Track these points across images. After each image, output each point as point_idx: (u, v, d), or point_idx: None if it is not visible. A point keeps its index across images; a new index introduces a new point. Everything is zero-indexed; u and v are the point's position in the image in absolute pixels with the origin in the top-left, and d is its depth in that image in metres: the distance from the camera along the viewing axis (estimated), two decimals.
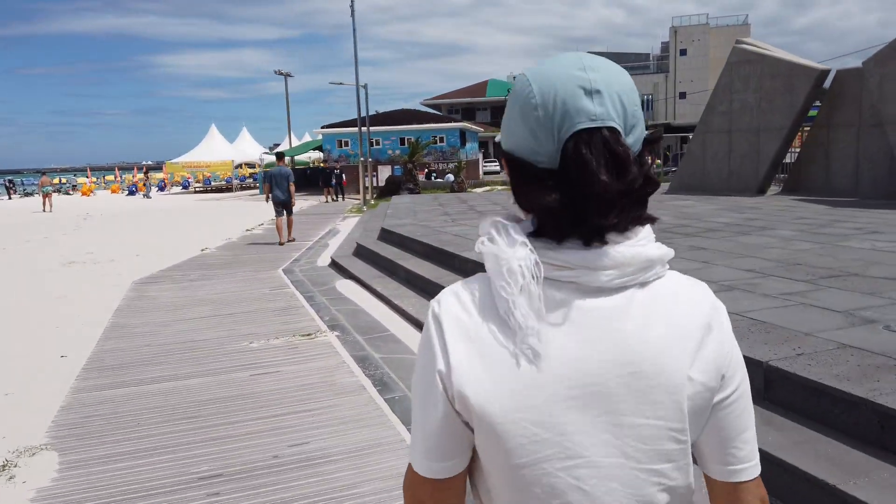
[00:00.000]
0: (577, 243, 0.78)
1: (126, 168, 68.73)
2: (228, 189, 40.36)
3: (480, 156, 42.74)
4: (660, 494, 0.80)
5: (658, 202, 12.67)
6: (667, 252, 0.81)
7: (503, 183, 28.72)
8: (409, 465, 0.85)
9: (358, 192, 29.75)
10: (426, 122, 35.86)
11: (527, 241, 0.77)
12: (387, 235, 10.61)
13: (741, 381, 0.83)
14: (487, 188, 27.73)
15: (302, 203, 14.89)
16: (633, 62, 69.98)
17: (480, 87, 53.46)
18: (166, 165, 42.45)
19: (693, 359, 0.79)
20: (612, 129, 0.76)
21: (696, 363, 0.79)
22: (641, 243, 0.79)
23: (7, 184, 46.00)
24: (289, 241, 13.01)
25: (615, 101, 0.77)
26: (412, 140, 28.97)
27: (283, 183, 12.64)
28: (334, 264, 10.14)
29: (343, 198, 27.49)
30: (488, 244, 0.80)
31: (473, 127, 40.63)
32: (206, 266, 10.74)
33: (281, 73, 39.81)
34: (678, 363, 0.78)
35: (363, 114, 26.35)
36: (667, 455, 0.79)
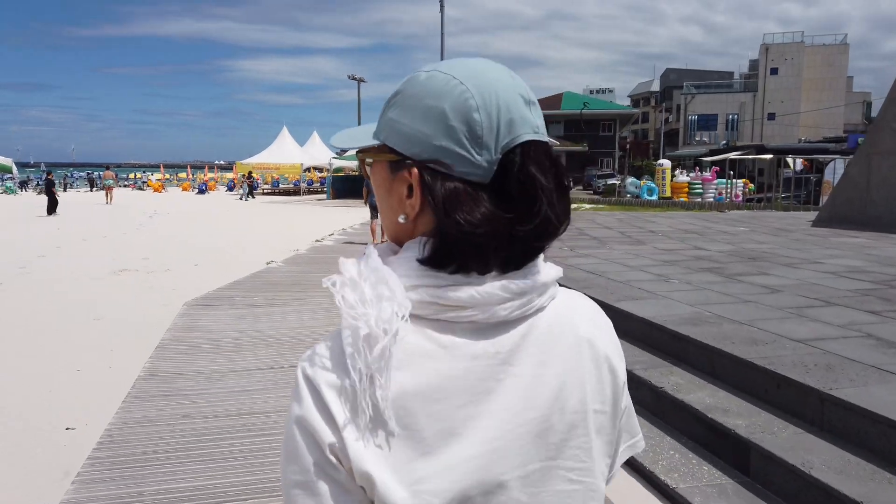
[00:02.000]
0: (481, 275, 0.66)
1: (198, 167, 69.86)
2: (296, 192, 39.54)
3: None
4: None
5: (820, 237, 10.23)
6: (559, 270, 0.72)
7: (590, 201, 26.42)
8: None
9: None
10: None
11: (404, 288, 0.64)
12: None
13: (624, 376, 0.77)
14: (574, 206, 25.47)
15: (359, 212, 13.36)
16: (715, 80, 66.18)
17: (555, 100, 50.88)
18: (237, 165, 42.07)
19: (594, 387, 0.71)
20: (549, 145, 0.69)
21: (597, 392, 0.72)
22: (537, 266, 0.69)
23: (88, 176, 48.65)
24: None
25: (541, 116, 0.70)
26: None
27: None
28: None
29: None
30: (342, 289, 0.65)
31: (549, 140, 38.52)
32: (271, 285, 9.08)
33: (354, 79, 39.19)
34: (581, 398, 0.70)
35: None
36: None
